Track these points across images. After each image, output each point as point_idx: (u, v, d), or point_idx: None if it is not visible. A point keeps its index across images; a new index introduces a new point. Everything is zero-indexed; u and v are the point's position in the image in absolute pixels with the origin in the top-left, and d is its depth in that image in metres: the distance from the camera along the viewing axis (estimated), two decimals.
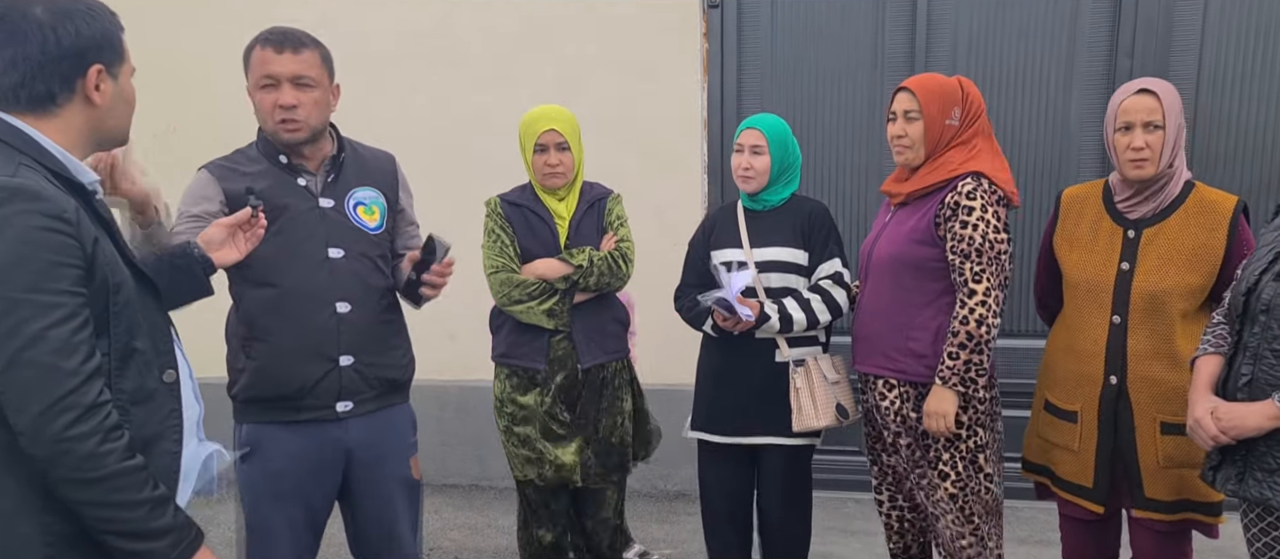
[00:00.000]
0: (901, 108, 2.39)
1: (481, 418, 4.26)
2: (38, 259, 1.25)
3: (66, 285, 1.27)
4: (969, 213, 2.29)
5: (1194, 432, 1.93)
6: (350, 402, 2.12)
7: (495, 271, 2.66)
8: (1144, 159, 2.15)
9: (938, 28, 3.93)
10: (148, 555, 1.34)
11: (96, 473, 1.28)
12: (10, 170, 1.28)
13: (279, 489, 2.11)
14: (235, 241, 1.86)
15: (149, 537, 1.34)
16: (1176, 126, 2.15)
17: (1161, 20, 3.74)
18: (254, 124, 2.11)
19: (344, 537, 2.30)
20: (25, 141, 1.33)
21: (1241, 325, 1.89)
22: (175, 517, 1.38)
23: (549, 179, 2.66)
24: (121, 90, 1.44)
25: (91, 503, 1.30)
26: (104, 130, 1.44)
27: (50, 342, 1.25)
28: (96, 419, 1.28)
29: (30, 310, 1.24)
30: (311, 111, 2.03)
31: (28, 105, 1.35)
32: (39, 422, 1.25)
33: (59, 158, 1.35)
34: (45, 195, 1.27)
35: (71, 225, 1.29)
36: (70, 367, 1.26)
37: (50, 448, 1.26)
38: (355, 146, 2.23)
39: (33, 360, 1.24)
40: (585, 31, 4.13)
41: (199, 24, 4.31)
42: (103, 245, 1.35)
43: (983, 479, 2.40)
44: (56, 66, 1.34)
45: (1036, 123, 3.93)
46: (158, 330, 1.47)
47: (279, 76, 2.00)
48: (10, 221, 1.24)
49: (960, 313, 2.29)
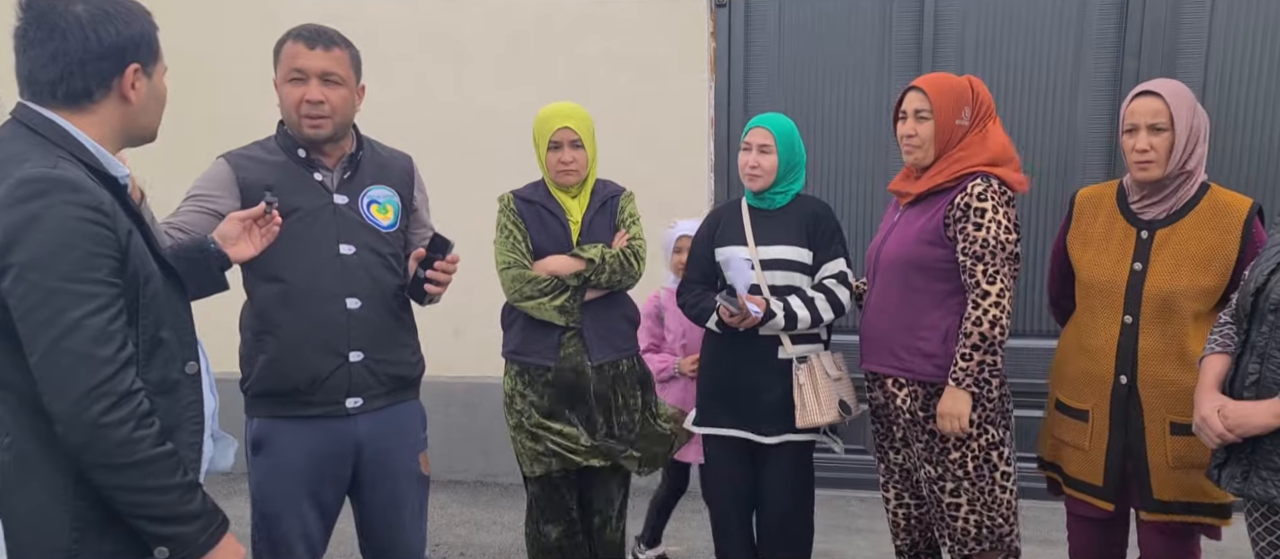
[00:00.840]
0: (912, 107, 2.40)
1: (487, 414, 4.28)
2: (77, 249, 1.28)
3: (103, 275, 1.30)
4: (980, 214, 2.29)
5: (1200, 429, 1.93)
6: (360, 397, 2.13)
7: (507, 267, 2.67)
8: (1149, 161, 2.15)
9: (945, 27, 3.94)
10: (178, 539, 1.38)
11: (130, 458, 1.31)
12: (50, 163, 1.30)
13: (289, 483, 2.12)
14: (250, 237, 1.88)
15: (180, 521, 1.37)
16: (1187, 129, 2.14)
17: (1169, 21, 3.75)
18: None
19: (353, 530, 2.31)
20: (63, 136, 1.36)
21: (1249, 325, 1.90)
22: (204, 503, 1.42)
23: (562, 176, 2.67)
24: (155, 89, 1.47)
25: (124, 488, 1.33)
26: (137, 127, 1.46)
27: (88, 330, 1.28)
28: (130, 406, 1.31)
29: (69, 299, 1.27)
30: (337, 109, 2.05)
31: (65, 100, 1.38)
32: (75, 408, 1.28)
33: (94, 153, 1.38)
34: (84, 187, 1.30)
35: (108, 217, 1.32)
36: (106, 354, 1.29)
37: (86, 434, 1.29)
38: (374, 146, 2.25)
39: (71, 348, 1.27)
40: (593, 29, 4.14)
41: (207, 21, 4.32)
42: (135, 239, 1.38)
43: (998, 478, 2.41)
44: (96, 65, 1.37)
45: (1043, 123, 3.94)
46: (182, 323, 1.50)
47: (308, 72, 2.02)
48: (51, 212, 1.27)
49: (973, 314, 2.29)
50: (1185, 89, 2.19)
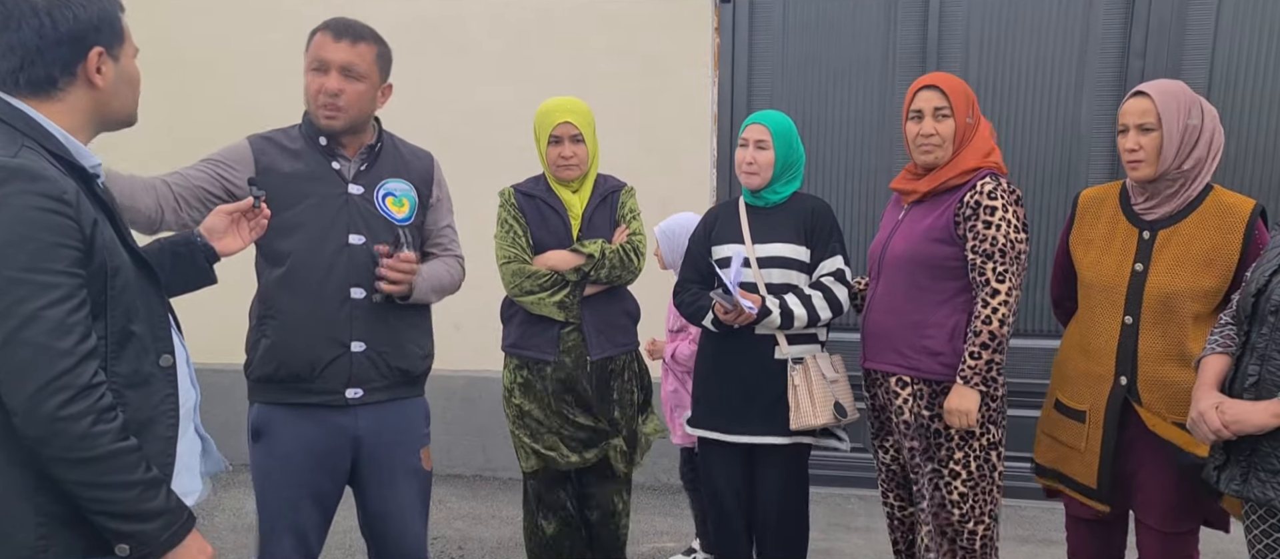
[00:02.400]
0: (930, 105, 2.38)
1: (486, 408, 4.29)
2: (36, 239, 1.25)
3: (64, 266, 1.27)
4: (991, 213, 2.29)
5: (1196, 424, 1.92)
6: (360, 389, 2.13)
7: (507, 262, 2.67)
8: (1138, 160, 2.16)
9: (949, 26, 3.93)
10: (138, 537, 1.34)
11: (89, 453, 1.28)
12: (11, 151, 1.28)
13: (286, 471, 2.12)
14: (238, 230, 1.85)
15: (140, 518, 1.34)
16: (1179, 129, 2.13)
17: (1174, 22, 3.74)
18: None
19: (354, 521, 2.32)
20: (28, 124, 1.33)
21: (1249, 326, 1.90)
22: (167, 500, 1.38)
23: (563, 171, 2.67)
24: (124, 71, 1.43)
25: (83, 483, 1.30)
26: (109, 112, 1.43)
27: (46, 321, 1.25)
28: (90, 400, 1.28)
29: (27, 290, 1.24)
30: (353, 102, 2.07)
31: (29, 89, 1.35)
32: (33, 401, 1.25)
33: (61, 140, 1.35)
34: (45, 176, 1.27)
35: (71, 207, 1.29)
36: (65, 347, 1.26)
37: (44, 428, 1.26)
38: (396, 141, 2.26)
39: (28, 340, 1.24)
40: (595, 24, 4.13)
41: (211, 13, 4.32)
42: (102, 229, 1.35)
43: (996, 478, 2.42)
44: (55, 52, 1.34)
45: (1047, 124, 3.93)
46: (155, 315, 1.46)
47: (329, 63, 2.04)
48: (9, 201, 1.24)
49: (983, 313, 2.30)
50: (1182, 90, 2.17)
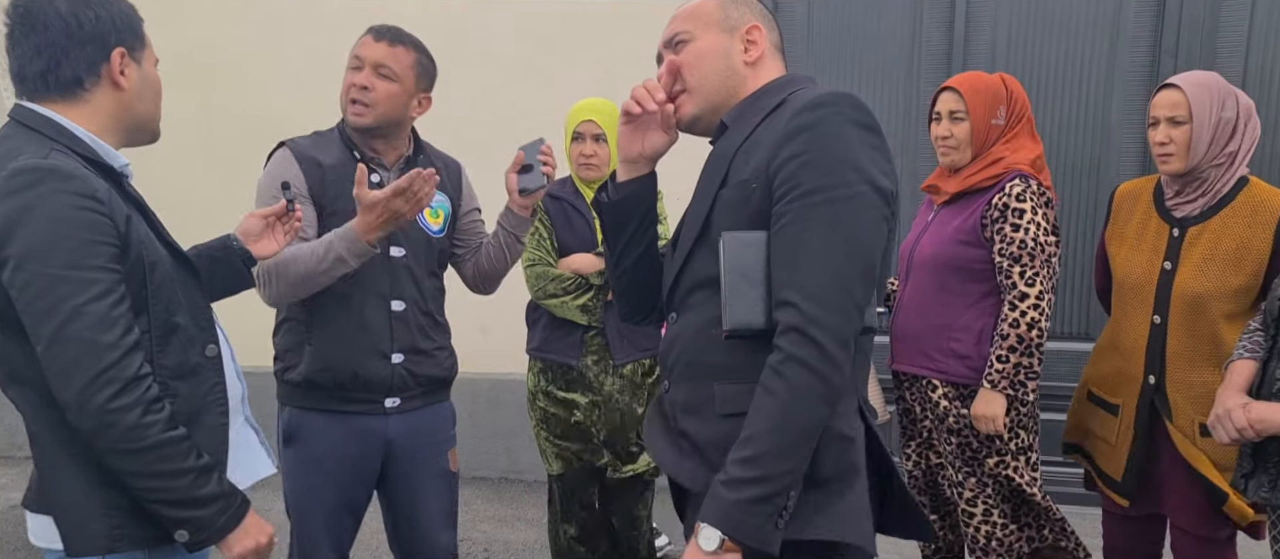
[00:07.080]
0: (947, 108, 2.37)
1: (512, 411, 4.28)
2: (73, 237, 1.29)
3: (102, 262, 1.31)
4: (1019, 215, 2.26)
5: (1221, 422, 1.87)
6: (398, 397, 2.14)
7: (531, 264, 2.67)
8: (1167, 154, 2.13)
9: (976, 25, 3.89)
10: (194, 522, 1.38)
11: (140, 444, 1.32)
12: (42, 154, 1.32)
13: (318, 475, 2.13)
14: (273, 233, 1.87)
15: (194, 505, 1.37)
16: (1211, 122, 2.09)
17: (1207, 20, 3.67)
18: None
19: (379, 523, 2.32)
20: (56, 129, 1.37)
21: (1276, 331, 1.85)
22: (220, 485, 1.41)
23: (584, 169, 2.67)
24: (146, 76, 1.47)
25: (137, 473, 1.34)
26: (134, 117, 1.47)
27: (90, 316, 1.28)
28: (138, 392, 1.31)
29: (70, 287, 1.28)
30: (381, 101, 2.04)
31: (56, 91, 1.39)
32: (83, 395, 1.28)
33: (89, 143, 1.39)
34: (77, 175, 1.31)
35: (104, 204, 1.32)
36: (110, 340, 1.30)
37: (95, 420, 1.29)
38: (431, 153, 2.25)
39: (74, 335, 1.28)
40: (618, 27, 4.13)
41: (245, 16, 4.36)
42: (136, 225, 1.39)
43: (1025, 483, 2.37)
44: (80, 51, 1.38)
45: (1077, 122, 3.87)
46: (197, 306, 1.50)
47: (365, 60, 2.04)
48: (44, 201, 1.28)
49: (1011, 316, 2.26)
50: (1215, 81, 2.13)
